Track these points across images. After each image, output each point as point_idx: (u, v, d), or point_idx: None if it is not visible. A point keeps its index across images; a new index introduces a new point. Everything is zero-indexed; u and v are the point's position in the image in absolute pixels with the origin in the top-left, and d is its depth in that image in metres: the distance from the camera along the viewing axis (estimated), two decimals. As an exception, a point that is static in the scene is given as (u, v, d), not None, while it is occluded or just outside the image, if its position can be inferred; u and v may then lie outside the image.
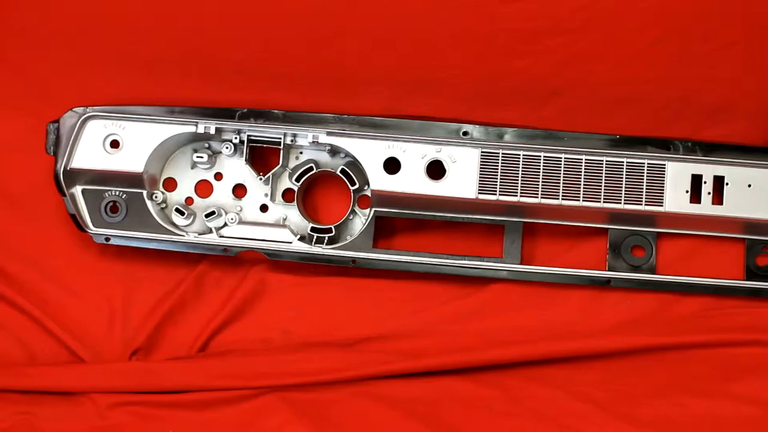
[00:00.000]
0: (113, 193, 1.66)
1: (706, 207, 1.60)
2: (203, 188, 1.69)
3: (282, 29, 1.61)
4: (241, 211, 1.68)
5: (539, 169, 1.59)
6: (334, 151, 1.65)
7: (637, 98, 1.62)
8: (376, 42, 1.61)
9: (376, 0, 1.58)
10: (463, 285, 1.66)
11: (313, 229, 1.65)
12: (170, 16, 1.62)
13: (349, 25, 1.60)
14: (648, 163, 1.59)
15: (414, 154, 1.61)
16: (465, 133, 1.61)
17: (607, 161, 1.59)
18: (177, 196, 1.69)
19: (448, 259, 1.63)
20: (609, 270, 1.63)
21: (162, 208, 1.68)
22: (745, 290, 1.62)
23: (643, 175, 1.59)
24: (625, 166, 1.59)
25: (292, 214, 1.68)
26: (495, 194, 1.60)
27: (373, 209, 1.64)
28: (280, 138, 1.64)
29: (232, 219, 1.66)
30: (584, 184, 1.59)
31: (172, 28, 1.63)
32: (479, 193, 1.60)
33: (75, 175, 1.64)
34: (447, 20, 1.58)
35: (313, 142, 1.63)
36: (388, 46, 1.61)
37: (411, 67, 1.62)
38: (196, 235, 1.66)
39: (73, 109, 1.63)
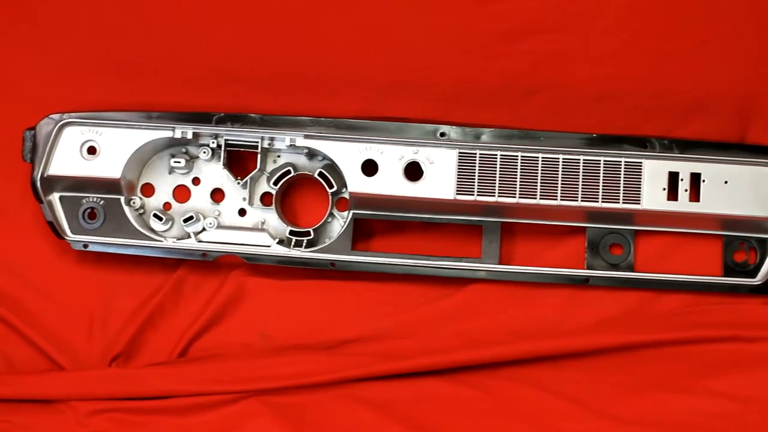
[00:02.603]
0: (91, 200, 1.65)
1: (683, 204, 1.60)
2: (181, 193, 1.69)
3: (258, 32, 1.61)
4: (219, 215, 1.68)
5: (516, 169, 1.60)
6: (311, 154, 1.65)
7: (613, 97, 1.62)
8: (352, 44, 1.61)
9: (352, 2, 1.58)
10: (442, 286, 1.66)
11: (291, 233, 1.65)
12: (146, 21, 1.62)
13: (325, 27, 1.60)
14: (625, 162, 1.59)
15: (391, 156, 1.61)
16: (442, 134, 1.61)
17: (584, 160, 1.59)
18: (155, 202, 1.68)
19: (426, 260, 1.63)
20: (587, 269, 1.64)
21: (140, 214, 1.67)
22: (723, 286, 1.63)
23: (620, 174, 1.59)
24: (602, 165, 1.59)
25: (271, 217, 1.67)
26: (473, 195, 1.60)
27: (352, 211, 1.64)
28: (258, 142, 1.64)
29: (210, 224, 1.65)
30: (562, 184, 1.59)
31: (148, 33, 1.63)
32: (457, 193, 1.60)
33: (52, 182, 1.64)
34: (423, 21, 1.59)
35: (291, 145, 1.62)
36: (365, 47, 1.61)
37: (387, 68, 1.62)
38: (175, 240, 1.65)
39: (50, 116, 1.63)
